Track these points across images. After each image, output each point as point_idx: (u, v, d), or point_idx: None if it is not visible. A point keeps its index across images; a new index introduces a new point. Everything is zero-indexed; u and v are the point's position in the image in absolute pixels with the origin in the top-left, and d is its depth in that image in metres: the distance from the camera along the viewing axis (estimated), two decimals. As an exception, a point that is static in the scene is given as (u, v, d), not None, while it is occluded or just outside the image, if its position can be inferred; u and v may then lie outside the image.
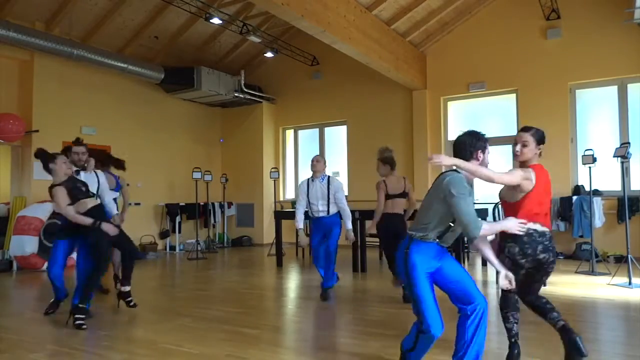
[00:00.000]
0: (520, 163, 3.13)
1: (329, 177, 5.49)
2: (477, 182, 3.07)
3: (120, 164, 5.92)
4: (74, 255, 5.42)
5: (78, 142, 5.02)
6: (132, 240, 6.99)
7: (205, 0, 8.50)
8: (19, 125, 7.86)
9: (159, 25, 9.27)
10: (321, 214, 5.41)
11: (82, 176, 4.89)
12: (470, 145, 2.79)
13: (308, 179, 5.53)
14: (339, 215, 5.47)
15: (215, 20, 8.79)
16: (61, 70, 8.61)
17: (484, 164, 2.82)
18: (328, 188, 5.39)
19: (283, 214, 8.45)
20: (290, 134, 12.04)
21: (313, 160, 5.48)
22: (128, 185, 9.44)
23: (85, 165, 5.06)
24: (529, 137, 3.08)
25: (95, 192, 4.93)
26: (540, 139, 3.10)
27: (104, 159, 5.82)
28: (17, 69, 8.32)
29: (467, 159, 2.77)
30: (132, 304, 4.79)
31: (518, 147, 3.08)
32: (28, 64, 8.29)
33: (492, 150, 2.92)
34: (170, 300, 5.49)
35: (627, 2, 7.23)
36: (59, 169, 4.32)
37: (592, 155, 6.66)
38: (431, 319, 2.65)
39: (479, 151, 2.79)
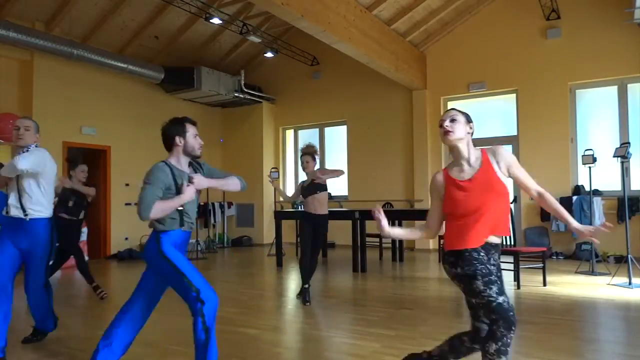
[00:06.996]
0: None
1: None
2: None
3: None
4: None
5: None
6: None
7: (205, 0, 8.50)
8: (19, 125, 7.86)
9: (159, 25, 9.27)
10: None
11: None
12: (168, 135, 2.83)
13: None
14: (47, 224, 3.75)
15: (215, 20, 8.80)
16: (61, 70, 8.62)
17: (188, 146, 2.82)
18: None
19: (283, 214, 8.45)
20: (290, 134, 12.04)
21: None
22: (127, 185, 9.53)
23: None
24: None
25: None
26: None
27: None
28: (17, 68, 8.31)
29: (170, 149, 2.82)
30: None
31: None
32: (28, 64, 8.29)
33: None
34: (170, 301, 5.48)
35: (627, 2, 7.23)
36: None
37: (592, 155, 6.66)
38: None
39: (177, 137, 2.81)
